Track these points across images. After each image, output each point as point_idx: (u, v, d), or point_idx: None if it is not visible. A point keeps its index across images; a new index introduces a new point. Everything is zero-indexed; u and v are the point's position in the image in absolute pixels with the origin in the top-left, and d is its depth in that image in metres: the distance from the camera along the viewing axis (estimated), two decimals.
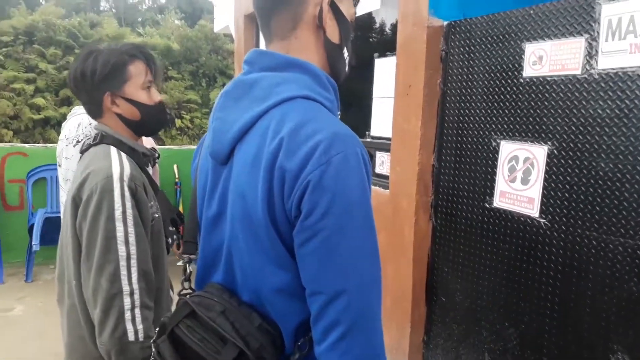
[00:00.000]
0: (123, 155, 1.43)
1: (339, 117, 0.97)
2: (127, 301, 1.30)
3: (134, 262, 1.33)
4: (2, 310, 3.83)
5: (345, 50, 1.02)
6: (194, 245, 1.11)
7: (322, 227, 0.79)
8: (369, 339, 0.82)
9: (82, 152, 1.51)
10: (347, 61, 1.04)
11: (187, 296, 0.99)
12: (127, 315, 1.30)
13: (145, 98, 1.50)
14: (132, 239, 1.33)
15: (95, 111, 1.50)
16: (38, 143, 7.16)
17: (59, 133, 7.88)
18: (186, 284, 1.07)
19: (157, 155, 1.65)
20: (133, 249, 1.33)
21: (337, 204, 0.79)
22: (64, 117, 7.64)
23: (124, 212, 1.33)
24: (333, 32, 0.98)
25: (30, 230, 4.41)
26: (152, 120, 1.54)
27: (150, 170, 1.85)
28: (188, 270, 1.11)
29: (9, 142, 6.82)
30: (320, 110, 0.89)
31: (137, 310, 1.32)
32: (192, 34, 10.09)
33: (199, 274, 1.05)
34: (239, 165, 0.90)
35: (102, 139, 1.48)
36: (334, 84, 0.98)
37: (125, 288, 1.31)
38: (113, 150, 1.43)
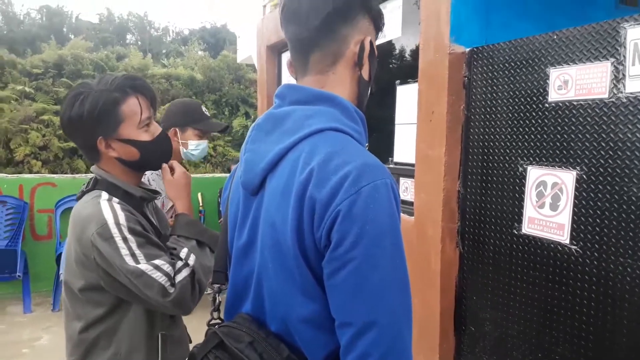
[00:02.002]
0: (114, 200, 1.36)
1: (367, 147, 0.99)
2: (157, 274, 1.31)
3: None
4: (30, 340, 3.88)
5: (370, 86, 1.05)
6: (224, 275, 1.12)
7: (352, 257, 0.79)
8: None
9: (78, 199, 1.46)
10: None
11: (216, 326, 0.99)
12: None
13: (143, 136, 1.41)
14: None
15: (91, 155, 1.43)
16: (66, 172, 7.33)
17: (85, 163, 8.02)
18: (215, 314, 1.08)
19: (160, 196, 1.59)
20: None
21: (367, 234, 0.79)
22: None
23: (133, 255, 1.29)
24: (366, 70, 1.01)
25: (58, 259, 4.48)
26: (154, 156, 1.46)
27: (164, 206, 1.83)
28: (217, 300, 1.11)
29: (38, 172, 6.99)
30: (349, 141, 0.91)
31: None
32: (215, 64, 10.30)
33: (229, 303, 1.06)
34: (270, 196, 0.92)
35: (95, 184, 1.41)
36: (362, 116, 1.00)
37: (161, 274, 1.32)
38: (104, 196, 1.37)
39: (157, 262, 1.31)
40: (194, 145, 2.43)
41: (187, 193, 1.57)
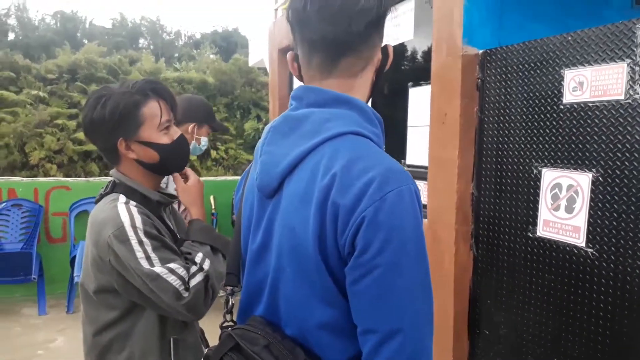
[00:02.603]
0: (131, 204, 1.38)
1: (384, 149, 0.99)
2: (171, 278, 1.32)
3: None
4: (45, 342, 3.92)
5: None
6: (236, 277, 1.12)
7: (377, 264, 0.79)
8: None
9: (96, 202, 1.48)
10: None
11: (229, 329, 0.99)
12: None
13: (163, 138, 1.42)
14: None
15: (112, 158, 1.45)
16: (80, 176, 7.40)
17: (99, 166, 8.10)
18: (228, 317, 1.08)
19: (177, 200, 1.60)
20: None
21: (393, 241, 0.79)
22: None
23: (148, 258, 1.30)
24: (381, 74, 1.04)
25: (72, 261, 4.53)
26: (174, 159, 1.47)
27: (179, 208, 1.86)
28: (230, 303, 1.11)
29: (53, 175, 7.07)
30: (371, 146, 0.91)
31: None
32: (227, 68, 10.37)
33: (243, 306, 1.06)
34: (288, 200, 0.91)
35: (113, 187, 1.44)
36: (380, 118, 1.00)
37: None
38: (121, 199, 1.38)
39: (171, 265, 1.32)
40: (204, 142, 2.55)
41: (201, 199, 1.59)
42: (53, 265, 4.92)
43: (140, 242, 1.31)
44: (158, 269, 1.30)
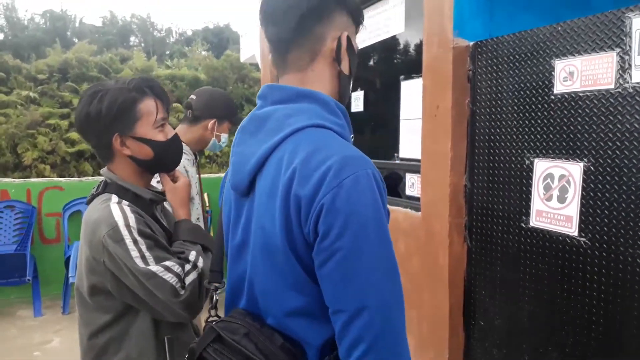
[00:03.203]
0: (124, 203, 1.37)
1: (353, 139, 1.02)
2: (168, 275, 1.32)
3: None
4: (41, 343, 3.90)
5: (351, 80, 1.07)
6: (220, 274, 1.18)
7: (338, 247, 0.83)
8: (394, 354, 0.84)
9: (88, 203, 1.46)
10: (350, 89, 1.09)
11: (213, 323, 1.04)
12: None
13: (158, 136, 1.42)
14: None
15: (104, 155, 1.43)
16: (73, 175, 7.36)
17: (92, 166, 8.04)
18: (213, 312, 1.12)
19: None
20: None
21: (351, 225, 0.82)
22: None
23: (143, 257, 1.30)
24: (346, 64, 1.02)
25: (67, 262, 4.50)
26: (167, 157, 1.47)
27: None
28: (215, 298, 1.15)
29: (47, 176, 7.03)
30: (331, 136, 0.93)
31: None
32: (219, 64, 10.33)
33: (228, 301, 1.10)
34: (259, 197, 0.95)
35: (105, 187, 1.42)
36: (343, 109, 1.02)
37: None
38: (114, 199, 1.38)
39: (167, 263, 1.32)
40: (224, 139, 2.47)
41: (188, 200, 1.60)
42: (47, 266, 4.89)
43: (135, 241, 1.30)
44: (154, 267, 1.29)
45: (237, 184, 1.00)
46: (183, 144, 1.79)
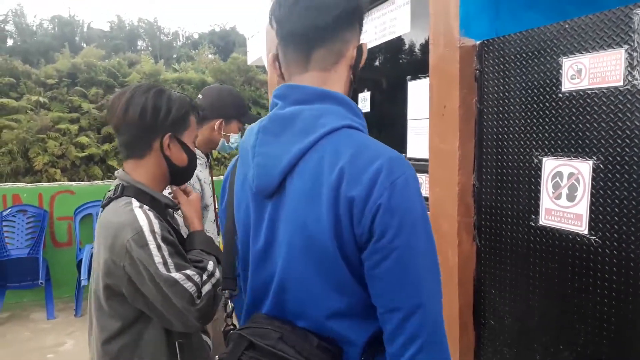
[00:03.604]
0: (145, 208, 1.39)
1: None
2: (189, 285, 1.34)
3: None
4: (54, 345, 3.94)
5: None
6: (234, 281, 1.16)
7: (394, 246, 0.84)
8: (442, 349, 0.89)
9: (104, 206, 1.47)
10: None
11: (237, 330, 1.01)
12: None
13: (193, 148, 1.56)
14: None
15: (138, 149, 1.46)
16: (83, 179, 7.42)
17: (102, 169, 8.10)
18: (229, 320, 1.12)
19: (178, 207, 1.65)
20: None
21: (406, 224, 0.85)
22: (106, 154, 7.92)
23: (165, 264, 1.31)
24: (356, 73, 1.07)
25: (79, 265, 4.55)
26: (192, 168, 1.58)
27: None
28: (230, 307, 1.15)
29: (58, 180, 7.09)
30: (367, 137, 0.95)
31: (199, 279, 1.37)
32: (226, 67, 10.35)
33: (248, 308, 1.07)
34: (294, 197, 0.94)
35: (122, 190, 1.44)
36: (361, 111, 1.04)
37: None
38: (135, 202, 1.40)
39: (188, 272, 1.34)
40: (234, 139, 2.38)
41: (201, 212, 1.69)
42: (60, 269, 4.94)
43: (159, 247, 1.32)
44: (176, 275, 1.31)
45: (264, 186, 0.98)
46: None
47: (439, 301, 0.89)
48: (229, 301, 1.15)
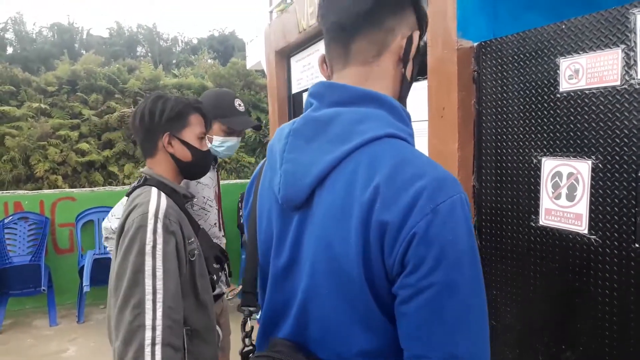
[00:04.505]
0: (162, 194, 1.53)
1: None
2: (148, 335, 1.26)
3: (159, 297, 1.31)
4: (56, 352, 3.94)
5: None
6: (254, 297, 1.04)
7: (429, 283, 0.71)
8: None
9: (128, 195, 1.62)
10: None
11: (255, 356, 0.92)
12: (147, 350, 1.25)
13: (198, 144, 1.67)
14: (159, 273, 1.33)
15: (149, 149, 1.64)
16: (84, 186, 7.43)
17: (102, 175, 8.12)
18: (247, 341, 1.01)
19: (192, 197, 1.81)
20: (159, 284, 1.32)
21: (446, 258, 0.71)
22: (106, 160, 7.94)
23: (154, 247, 1.37)
24: (409, 69, 0.93)
25: (81, 272, 4.55)
26: (199, 164, 1.70)
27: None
28: (249, 326, 1.03)
29: (59, 186, 7.10)
30: (412, 150, 0.82)
31: (157, 347, 1.27)
32: (225, 72, 10.38)
33: (264, 327, 0.97)
34: (322, 213, 0.82)
35: (145, 181, 1.60)
36: (410, 116, 0.91)
37: (148, 322, 1.27)
38: (154, 189, 1.54)
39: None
40: (218, 142, 2.26)
41: None
42: (62, 275, 4.94)
43: (154, 231, 1.40)
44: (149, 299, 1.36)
45: (290, 197, 0.86)
46: None
47: (484, 353, 0.73)
48: (249, 319, 1.03)
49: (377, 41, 0.87)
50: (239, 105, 2.32)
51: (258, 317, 1.03)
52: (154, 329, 1.27)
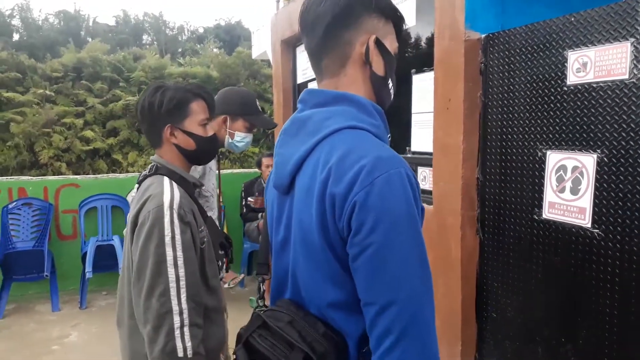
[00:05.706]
0: (174, 184, 1.56)
1: (390, 137, 1.07)
2: (176, 319, 1.39)
3: (182, 283, 1.43)
4: (59, 337, 3.96)
5: (390, 81, 1.08)
6: (266, 267, 1.36)
7: (369, 242, 0.86)
8: (423, 347, 0.87)
9: (139, 182, 1.65)
10: (392, 90, 1.10)
11: (261, 311, 1.10)
12: (177, 332, 1.39)
13: (201, 132, 1.67)
14: (180, 262, 1.43)
15: (155, 140, 1.66)
16: (88, 173, 7.44)
17: (107, 163, 8.12)
18: (260, 302, 1.26)
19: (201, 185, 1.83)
20: (182, 272, 1.43)
21: (383, 221, 0.86)
22: (111, 148, 7.94)
23: (173, 238, 1.43)
24: (378, 66, 1.05)
25: (83, 258, 4.57)
26: (205, 150, 1.71)
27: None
28: (262, 289, 1.30)
29: (63, 173, 7.12)
30: (366, 137, 0.97)
31: (186, 329, 1.40)
32: (231, 61, 10.33)
33: (273, 292, 1.16)
34: (298, 195, 1.01)
35: (156, 170, 1.62)
36: (379, 109, 1.06)
37: (175, 308, 1.40)
38: (166, 180, 1.56)
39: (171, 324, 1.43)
40: (240, 137, 2.43)
41: None
42: (65, 262, 4.95)
43: (171, 222, 1.44)
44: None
45: (279, 183, 1.06)
46: None
47: (422, 300, 0.88)
48: (262, 284, 1.27)
49: (339, 56, 1.03)
50: (258, 105, 2.52)
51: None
52: (180, 313, 1.40)
